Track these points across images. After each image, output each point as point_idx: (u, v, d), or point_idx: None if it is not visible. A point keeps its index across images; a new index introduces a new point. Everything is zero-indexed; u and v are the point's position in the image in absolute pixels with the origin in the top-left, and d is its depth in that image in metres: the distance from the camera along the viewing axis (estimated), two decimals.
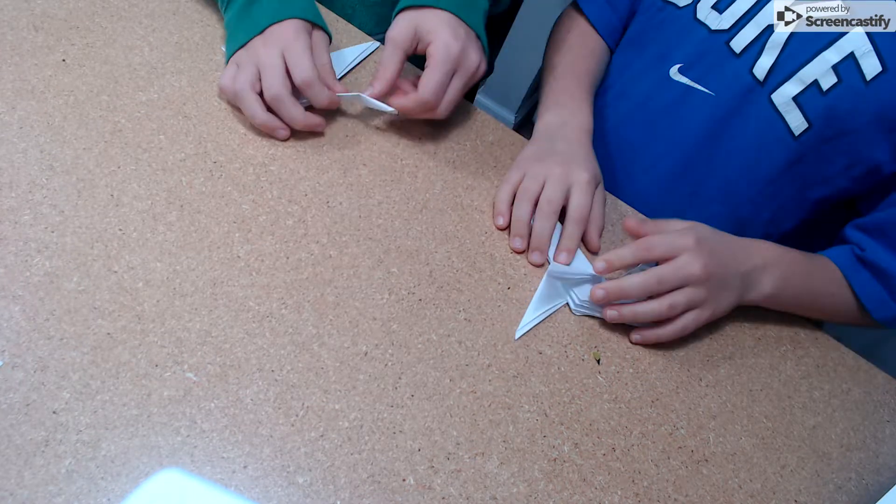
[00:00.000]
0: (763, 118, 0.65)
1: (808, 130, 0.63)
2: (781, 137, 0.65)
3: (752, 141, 0.67)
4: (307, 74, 0.58)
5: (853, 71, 0.59)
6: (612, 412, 0.52)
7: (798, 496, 0.52)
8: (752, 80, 0.65)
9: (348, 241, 0.56)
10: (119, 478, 0.40)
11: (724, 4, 0.66)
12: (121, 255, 0.49)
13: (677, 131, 0.71)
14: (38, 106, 0.56)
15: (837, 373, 0.62)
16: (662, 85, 0.72)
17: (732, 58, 0.66)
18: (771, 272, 0.59)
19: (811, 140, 0.64)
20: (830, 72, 0.60)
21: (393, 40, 0.61)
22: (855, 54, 0.59)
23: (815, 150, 0.64)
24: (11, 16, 0.62)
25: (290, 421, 0.45)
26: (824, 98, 0.61)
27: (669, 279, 0.55)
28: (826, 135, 0.63)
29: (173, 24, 0.67)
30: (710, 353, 0.59)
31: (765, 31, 0.64)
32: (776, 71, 0.63)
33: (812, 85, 0.61)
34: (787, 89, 0.63)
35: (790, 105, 0.63)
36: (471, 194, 0.64)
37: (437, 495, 0.44)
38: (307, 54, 0.59)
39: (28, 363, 0.43)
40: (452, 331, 0.53)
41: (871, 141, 0.61)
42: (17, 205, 0.50)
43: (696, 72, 0.69)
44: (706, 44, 0.68)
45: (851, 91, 0.60)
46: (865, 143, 0.62)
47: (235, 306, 0.49)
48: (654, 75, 0.73)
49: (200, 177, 0.56)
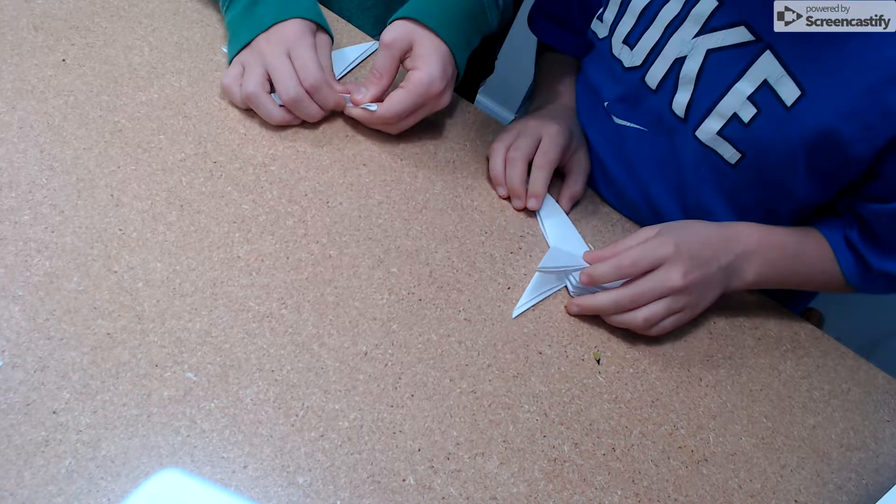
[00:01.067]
0: (696, 151, 0.63)
1: (742, 159, 0.61)
2: (720, 167, 0.62)
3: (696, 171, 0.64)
4: (316, 78, 0.59)
5: (770, 99, 0.56)
6: (612, 412, 0.52)
7: (798, 496, 0.52)
8: (673, 118, 0.63)
9: (348, 241, 0.56)
10: (119, 478, 0.40)
11: (634, 39, 0.63)
12: (121, 255, 0.49)
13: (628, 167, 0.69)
14: (38, 106, 0.56)
15: (837, 373, 0.62)
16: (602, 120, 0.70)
17: (650, 94, 0.63)
18: (754, 259, 0.59)
19: (750, 166, 0.61)
20: (748, 103, 0.57)
21: (389, 47, 0.60)
22: (769, 81, 0.56)
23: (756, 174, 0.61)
24: (11, 16, 0.62)
25: (290, 421, 0.45)
26: (748, 130, 0.58)
27: (646, 294, 0.55)
28: (765, 162, 0.60)
29: (173, 24, 0.67)
30: (710, 353, 0.59)
31: (674, 66, 0.61)
32: (694, 107, 0.61)
33: (732, 118, 0.59)
34: (710, 125, 0.60)
35: (717, 139, 0.60)
36: (471, 194, 0.64)
37: (437, 495, 0.44)
38: (313, 56, 0.59)
39: (28, 363, 0.43)
40: (452, 331, 0.53)
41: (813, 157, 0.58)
42: (17, 205, 0.50)
43: (622, 108, 0.67)
44: (625, 80, 0.65)
45: (774, 119, 0.57)
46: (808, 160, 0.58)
47: (235, 306, 0.49)
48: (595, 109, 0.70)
49: (200, 177, 0.56)
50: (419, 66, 0.60)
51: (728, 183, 0.64)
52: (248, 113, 0.62)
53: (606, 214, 0.68)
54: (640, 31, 0.63)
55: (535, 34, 0.79)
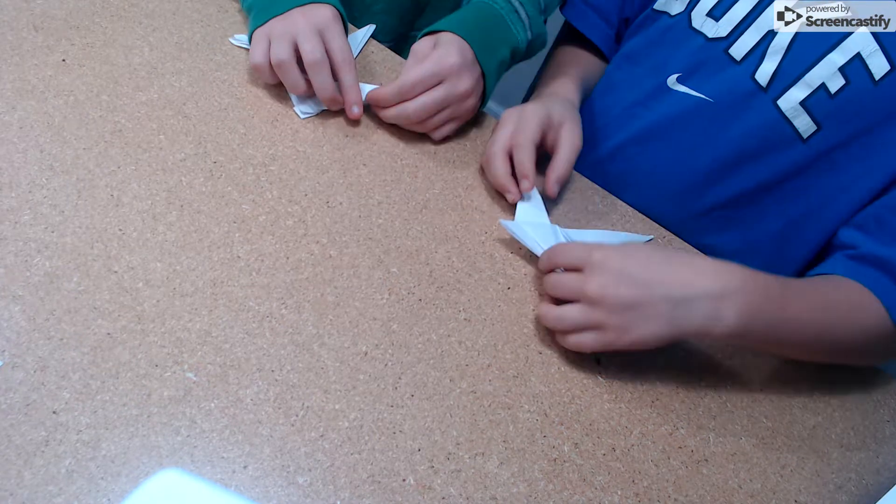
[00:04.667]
0: (768, 123, 0.64)
1: (817, 132, 0.62)
2: (789, 140, 0.63)
3: (757, 146, 0.65)
4: (349, 57, 0.61)
5: (861, 72, 0.59)
6: (612, 412, 0.52)
7: (798, 496, 0.52)
8: (753, 86, 0.64)
9: (348, 241, 0.56)
10: (119, 478, 0.40)
11: (721, 11, 0.65)
12: (121, 255, 0.49)
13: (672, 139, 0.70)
14: (38, 106, 0.56)
15: (837, 373, 0.62)
16: (661, 95, 0.71)
17: (733, 65, 0.65)
18: (733, 300, 0.49)
19: (821, 143, 0.62)
20: (838, 74, 0.59)
21: (416, 53, 0.63)
22: (861, 54, 0.58)
23: (826, 155, 0.63)
24: (11, 16, 0.62)
25: (290, 421, 0.45)
26: (833, 101, 0.60)
27: (560, 287, 0.53)
28: (838, 137, 0.61)
29: (173, 24, 0.67)
30: (710, 353, 0.59)
31: (766, 37, 0.63)
32: (780, 76, 0.62)
33: (819, 88, 0.60)
34: (794, 94, 0.62)
35: (798, 109, 0.62)
36: (471, 194, 0.64)
37: (437, 495, 0.44)
38: (346, 38, 0.62)
39: (28, 363, 0.43)
40: (452, 331, 0.53)
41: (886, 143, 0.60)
42: (17, 205, 0.50)
43: (694, 80, 0.68)
44: (704, 52, 0.67)
45: (861, 92, 0.59)
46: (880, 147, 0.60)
47: (235, 306, 0.49)
48: (652, 87, 0.72)
49: (200, 177, 0.56)
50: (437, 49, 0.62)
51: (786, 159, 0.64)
52: (248, 113, 0.62)
53: (605, 214, 0.68)
54: (727, 4, 0.65)
55: (570, 19, 0.79)
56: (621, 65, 0.76)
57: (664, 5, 0.71)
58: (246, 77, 0.65)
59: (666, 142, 0.71)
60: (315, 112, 0.64)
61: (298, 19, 0.60)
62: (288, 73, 0.60)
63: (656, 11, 0.72)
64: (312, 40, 0.59)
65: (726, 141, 0.67)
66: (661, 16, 0.71)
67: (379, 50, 0.74)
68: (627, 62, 0.76)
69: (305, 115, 0.64)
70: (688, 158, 0.70)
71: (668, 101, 0.70)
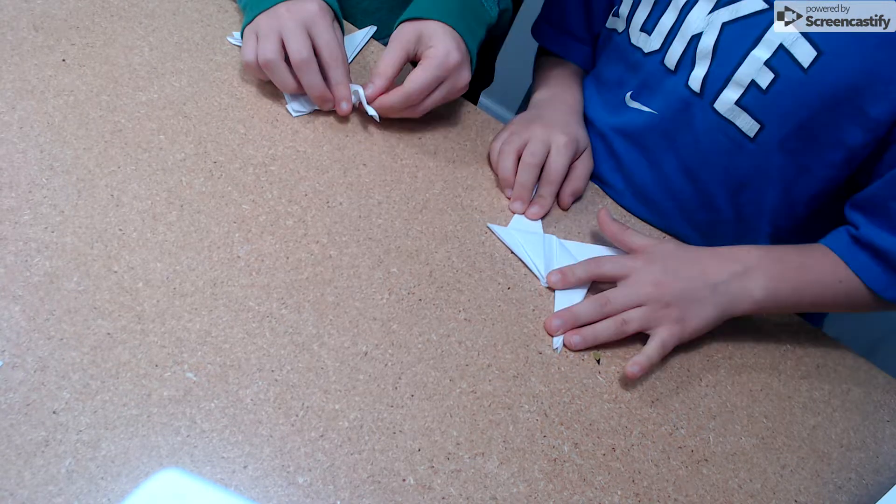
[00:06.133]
0: (713, 127, 0.63)
1: (762, 130, 0.61)
2: (738, 141, 0.63)
3: (711, 150, 0.65)
4: (337, 52, 0.60)
5: (787, 62, 0.57)
6: (612, 412, 0.52)
7: (798, 496, 0.52)
8: (689, 93, 0.63)
9: (348, 241, 0.56)
10: (119, 478, 0.40)
11: (651, 25, 0.65)
12: (121, 255, 0.49)
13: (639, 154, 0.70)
14: (38, 106, 0.56)
15: (837, 373, 0.62)
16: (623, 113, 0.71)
17: (670, 75, 0.65)
18: (756, 276, 0.57)
19: (770, 139, 0.61)
20: (765, 69, 0.58)
21: (396, 40, 0.62)
22: (784, 45, 0.57)
23: (778, 147, 0.62)
24: (11, 16, 0.62)
25: (290, 421, 0.45)
26: (766, 96, 0.59)
27: (619, 298, 0.56)
28: (784, 130, 0.61)
29: (173, 24, 0.67)
30: (710, 353, 0.59)
31: (691, 43, 0.62)
32: (710, 79, 0.62)
33: (751, 86, 0.59)
34: (727, 95, 0.61)
35: (735, 110, 0.61)
36: (471, 194, 0.64)
37: (437, 495, 0.44)
38: (333, 33, 0.60)
39: (28, 363, 0.43)
40: (452, 331, 0.53)
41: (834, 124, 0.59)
42: (17, 205, 0.50)
43: (644, 96, 0.69)
44: (645, 66, 0.67)
45: (792, 83, 0.58)
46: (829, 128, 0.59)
47: (235, 306, 0.49)
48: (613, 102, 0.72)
49: (200, 177, 0.56)
50: (432, 45, 0.61)
51: (744, 161, 0.64)
52: (248, 113, 0.62)
53: None
54: (656, 17, 0.65)
55: (542, 44, 0.81)
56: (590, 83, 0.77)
57: (612, 23, 0.72)
58: (246, 77, 0.65)
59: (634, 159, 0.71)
60: (308, 111, 0.64)
61: (283, 15, 0.59)
62: (275, 72, 0.60)
63: (608, 30, 0.73)
64: (299, 38, 0.58)
65: (683, 150, 0.67)
66: (612, 33, 0.72)
67: (379, 50, 0.74)
68: (595, 80, 0.76)
69: (298, 114, 0.63)
70: (656, 172, 0.70)
71: (628, 118, 0.70)
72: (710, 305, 0.56)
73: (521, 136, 0.66)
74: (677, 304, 0.55)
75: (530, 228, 0.63)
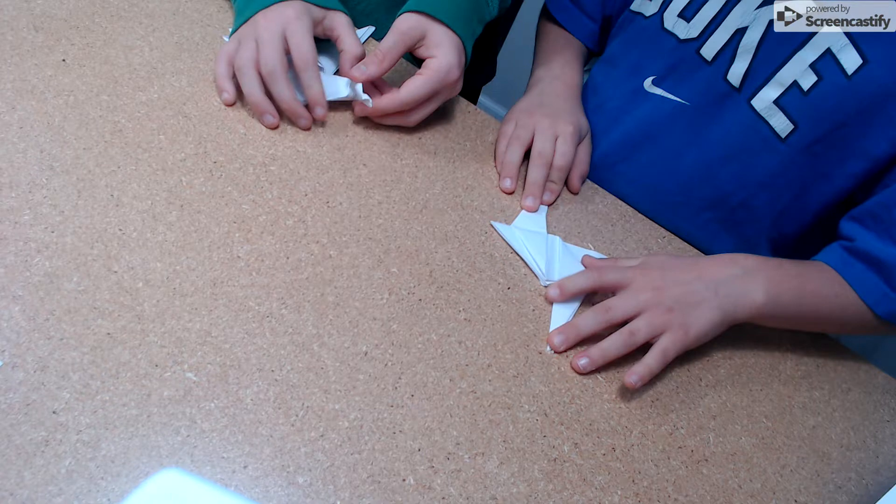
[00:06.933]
0: (745, 123, 0.64)
1: (794, 131, 0.61)
2: (768, 141, 0.63)
3: (738, 146, 0.65)
4: (308, 56, 0.59)
5: (833, 67, 0.58)
6: (612, 412, 0.52)
7: (798, 496, 0.52)
8: (727, 87, 0.64)
9: (348, 241, 0.56)
10: (119, 478, 0.40)
11: (691, 12, 0.65)
12: (121, 255, 0.49)
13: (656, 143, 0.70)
14: (38, 106, 0.56)
15: (837, 373, 0.62)
16: (639, 99, 0.71)
17: (704, 65, 0.65)
18: (756, 278, 0.56)
19: (800, 141, 0.62)
20: (809, 71, 0.59)
21: (399, 31, 0.61)
22: (832, 50, 0.57)
23: (806, 150, 0.62)
24: (11, 16, 0.62)
25: (290, 421, 0.45)
26: (807, 98, 0.60)
27: (620, 306, 0.54)
28: (815, 134, 0.61)
29: (173, 24, 0.67)
30: (710, 353, 0.59)
31: (734, 36, 0.62)
32: (752, 76, 0.62)
33: (792, 86, 0.60)
34: (767, 93, 0.61)
35: (772, 109, 0.61)
36: (471, 194, 0.64)
37: (437, 495, 0.44)
38: (308, 36, 0.60)
39: (28, 363, 0.43)
40: (452, 331, 0.53)
41: (864, 134, 0.59)
42: (17, 205, 0.50)
43: (669, 82, 0.68)
44: (677, 53, 0.67)
45: (834, 87, 0.58)
46: (858, 136, 0.60)
47: (235, 306, 0.49)
48: (629, 88, 0.72)
49: (200, 177, 0.56)
50: (436, 55, 0.61)
51: (769, 161, 0.64)
52: (248, 113, 0.62)
53: (605, 214, 0.68)
54: (698, 4, 0.65)
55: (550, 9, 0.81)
56: (602, 68, 0.77)
57: (639, 6, 0.72)
58: None
59: (648, 148, 0.71)
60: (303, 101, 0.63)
61: (260, 23, 0.59)
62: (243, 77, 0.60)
63: (632, 13, 0.72)
64: (269, 46, 0.58)
65: (707, 144, 0.67)
66: (637, 17, 0.71)
67: None
68: (608, 65, 0.76)
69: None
70: (672, 163, 0.70)
71: (646, 105, 0.70)
72: (711, 308, 0.54)
73: (528, 129, 0.67)
74: (679, 308, 0.54)
75: (534, 227, 0.63)
